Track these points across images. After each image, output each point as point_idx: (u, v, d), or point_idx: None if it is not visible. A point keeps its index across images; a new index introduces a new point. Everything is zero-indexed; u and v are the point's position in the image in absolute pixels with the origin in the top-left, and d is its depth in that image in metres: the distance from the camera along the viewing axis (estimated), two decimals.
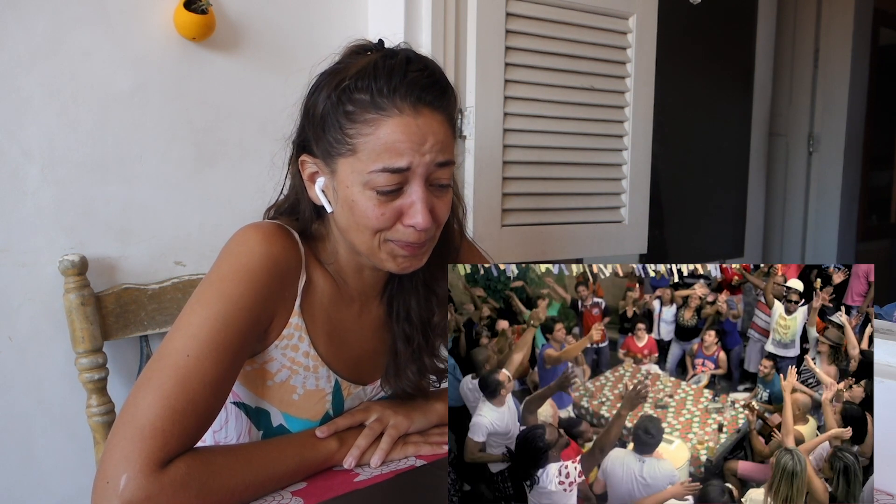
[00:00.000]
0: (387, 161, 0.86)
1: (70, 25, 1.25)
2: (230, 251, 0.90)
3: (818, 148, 3.23)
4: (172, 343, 0.83)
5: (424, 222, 0.88)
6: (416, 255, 0.93)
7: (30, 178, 1.24)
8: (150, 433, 0.76)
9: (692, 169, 2.74)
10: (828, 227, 3.23)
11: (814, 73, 3.19)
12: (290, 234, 0.94)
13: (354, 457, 0.93)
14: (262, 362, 0.95)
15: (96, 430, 1.26)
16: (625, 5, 1.88)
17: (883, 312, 1.26)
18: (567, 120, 1.81)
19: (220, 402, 0.84)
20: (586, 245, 1.90)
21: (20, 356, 1.26)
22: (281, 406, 0.98)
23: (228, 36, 1.42)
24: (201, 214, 1.42)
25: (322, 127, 0.90)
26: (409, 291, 1.05)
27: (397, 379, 1.04)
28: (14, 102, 1.21)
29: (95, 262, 1.30)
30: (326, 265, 0.99)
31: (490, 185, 1.67)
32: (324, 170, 0.93)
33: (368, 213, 0.89)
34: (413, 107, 0.87)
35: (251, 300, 0.86)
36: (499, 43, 1.64)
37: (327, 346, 0.98)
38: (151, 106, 1.35)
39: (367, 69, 0.88)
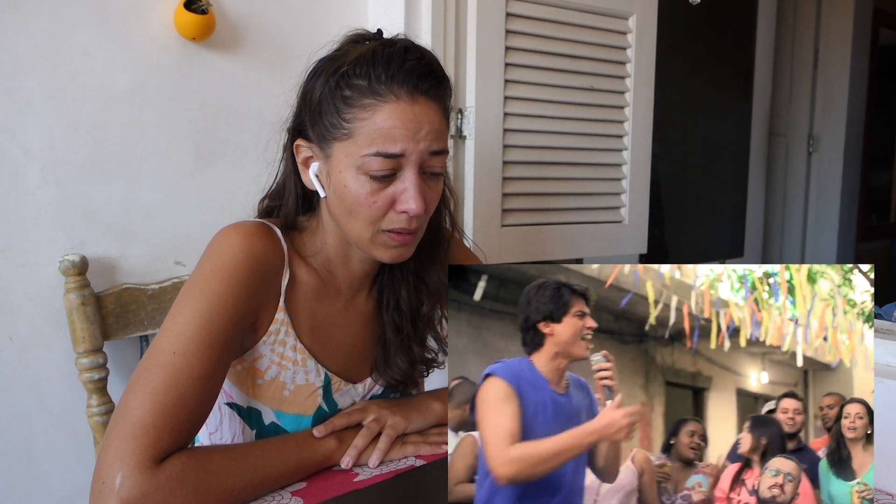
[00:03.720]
0: (381, 146, 0.87)
1: (70, 25, 1.26)
2: (212, 251, 0.91)
3: (818, 148, 3.23)
4: (159, 343, 0.83)
5: (418, 208, 0.89)
6: (407, 243, 0.94)
7: (30, 178, 1.24)
8: (142, 430, 0.76)
9: (692, 169, 2.74)
10: (828, 227, 3.23)
11: (814, 73, 3.19)
12: (271, 231, 0.95)
13: (352, 457, 0.93)
14: (251, 360, 0.96)
15: (96, 430, 1.26)
16: (625, 5, 1.88)
17: (883, 312, 1.26)
18: (567, 120, 1.81)
19: (210, 398, 0.84)
20: (586, 245, 1.90)
21: (20, 356, 1.26)
22: (272, 404, 0.98)
23: (228, 36, 1.43)
24: (201, 214, 1.42)
25: (319, 111, 0.91)
26: (400, 281, 1.06)
27: (387, 368, 1.05)
28: (14, 102, 1.21)
29: (95, 262, 1.30)
30: (311, 259, 1.00)
31: (490, 185, 1.67)
32: (318, 154, 0.93)
33: (360, 199, 0.89)
34: (410, 94, 0.88)
35: (234, 297, 0.87)
36: (499, 43, 1.64)
37: (313, 340, 0.99)
38: (151, 106, 1.35)
39: (365, 56, 0.89)
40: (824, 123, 3.21)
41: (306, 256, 0.99)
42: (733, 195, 2.96)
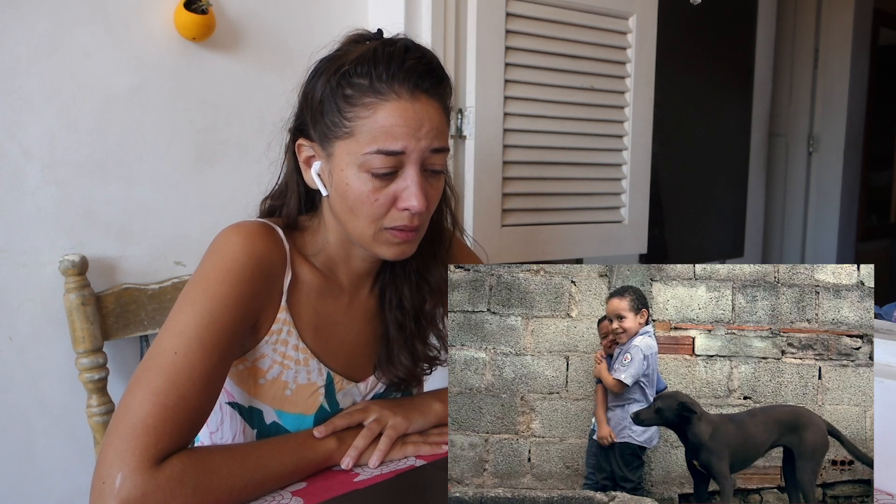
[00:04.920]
0: (382, 143, 0.88)
1: (70, 25, 1.26)
2: (214, 252, 0.91)
3: (818, 148, 3.23)
4: (160, 343, 0.83)
5: (419, 205, 0.89)
6: (409, 240, 0.94)
7: (30, 178, 1.24)
8: (143, 430, 0.76)
9: (692, 169, 2.74)
10: (828, 227, 3.23)
11: (814, 73, 3.19)
12: (273, 231, 0.95)
13: (352, 457, 0.93)
14: (253, 360, 0.96)
15: (96, 429, 1.26)
16: (625, 5, 1.88)
17: (883, 312, 1.26)
18: (567, 120, 1.81)
19: (211, 398, 0.84)
20: (586, 245, 1.90)
21: (20, 356, 1.26)
22: (273, 403, 0.98)
23: (228, 36, 1.42)
24: (201, 214, 1.42)
25: (320, 110, 0.92)
26: (402, 279, 1.06)
27: (390, 366, 1.05)
28: (14, 102, 1.21)
29: (95, 262, 1.30)
30: (313, 258, 1.00)
31: (490, 185, 1.67)
32: (320, 153, 0.94)
33: (362, 196, 0.90)
34: (410, 92, 0.88)
35: (236, 298, 0.87)
36: (499, 43, 1.65)
37: (315, 339, 0.99)
38: (151, 106, 1.35)
39: (366, 55, 0.89)
40: (824, 123, 3.21)
41: (308, 256, 1.00)
42: (733, 195, 2.96)
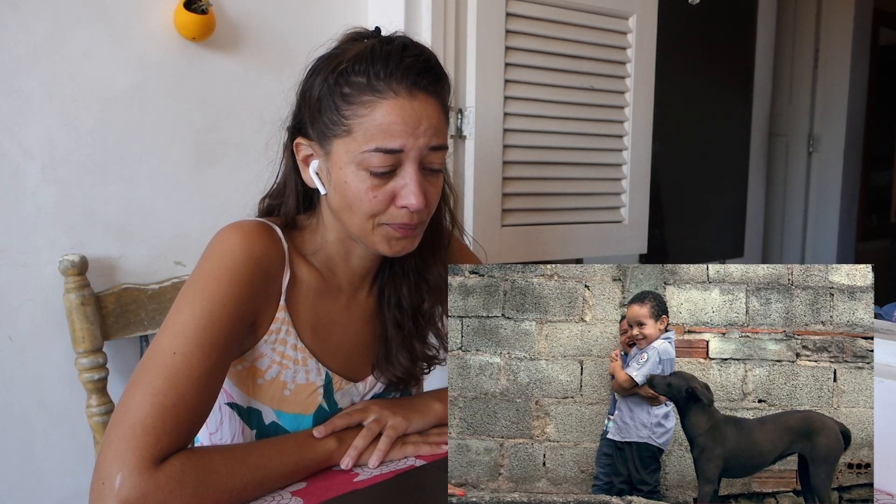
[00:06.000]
0: (380, 141, 0.87)
1: (70, 25, 1.26)
2: (212, 251, 0.90)
3: (818, 148, 3.23)
4: (159, 343, 0.83)
5: (418, 203, 0.89)
6: (409, 236, 0.94)
7: (30, 178, 1.24)
8: (142, 431, 0.76)
9: (692, 169, 2.74)
10: (828, 227, 3.23)
11: (814, 73, 3.19)
12: (271, 230, 0.95)
13: (352, 457, 0.93)
14: (252, 360, 0.96)
15: (96, 430, 1.26)
16: (625, 5, 1.88)
17: (883, 312, 1.26)
18: (567, 120, 1.81)
19: (210, 398, 0.84)
20: (586, 245, 1.90)
21: (20, 356, 1.26)
22: (272, 404, 0.98)
23: (228, 36, 1.42)
24: (201, 214, 1.42)
25: (318, 109, 0.92)
26: (401, 278, 1.06)
27: (389, 365, 1.05)
28: (14, 102, 1.21)
29: (95, 262, 1.30)
30: (312, 257, 1.00)
31: (490, 185, 1.67)
32: (318, 152, 0.94)
33: (361, 194, 0.90)
34: (409, 90, 0.88)
35: (234, 297, 0.87)
36: (499, 43, 1.64)
37: (314, 339, 0.99)
38: (151, 106, 1.35)
39: (364, 53, 0.89)
40: (824, 123, 3.21)
41: (307, 255, 1.00)
42: (733, 195, 2.96)
